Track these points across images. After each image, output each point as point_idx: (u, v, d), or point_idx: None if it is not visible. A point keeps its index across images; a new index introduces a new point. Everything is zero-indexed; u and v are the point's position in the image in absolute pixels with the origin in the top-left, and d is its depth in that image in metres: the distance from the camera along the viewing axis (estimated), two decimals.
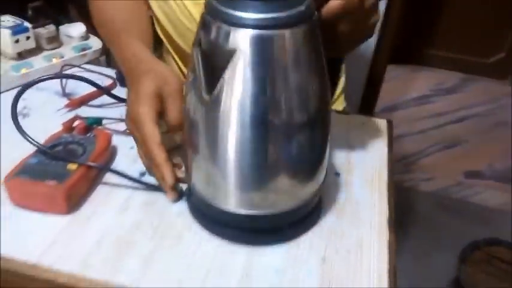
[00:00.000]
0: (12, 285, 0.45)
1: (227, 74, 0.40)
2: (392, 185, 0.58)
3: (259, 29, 0.38)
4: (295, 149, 0.44)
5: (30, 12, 0.90)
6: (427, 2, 2.49)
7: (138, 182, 0.53)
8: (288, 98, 0.41)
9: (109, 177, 0.54)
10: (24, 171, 0.49)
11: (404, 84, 2.61)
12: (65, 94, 0.68)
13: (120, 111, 0.66)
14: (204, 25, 0.40)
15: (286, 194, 0.46)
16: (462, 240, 1.53)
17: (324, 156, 0.48)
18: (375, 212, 0.53)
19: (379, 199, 0.55)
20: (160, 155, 0.48)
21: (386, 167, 0.60)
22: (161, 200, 0.52)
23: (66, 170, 0.49)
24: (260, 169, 0.44)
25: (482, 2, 2.46)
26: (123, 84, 0.71)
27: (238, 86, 0.40)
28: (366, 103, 1.08)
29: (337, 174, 0.58)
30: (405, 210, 1.66)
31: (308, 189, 0.48)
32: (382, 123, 0.69)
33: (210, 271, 0.45)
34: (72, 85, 0.70)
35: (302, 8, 0.39)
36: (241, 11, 0.38)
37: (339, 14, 0.44)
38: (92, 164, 0.51)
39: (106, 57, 0.73)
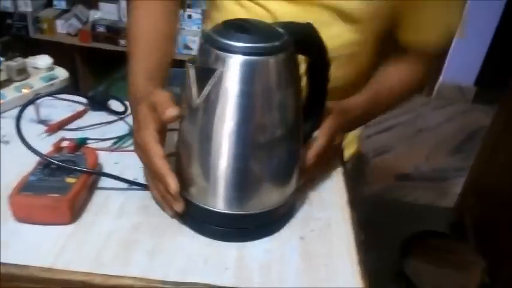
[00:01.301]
0: None
1: (211, 87, 0.48)
2: (346, 172, 0.68)
3: (249, 55, 0.47)
4: (273, 157, 0.53)
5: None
6: None
7: (133, 183, 0.59)
8: (268, 113, 0.51)
9: (101, 188, 0.60)
10: (27, 188, 0.53)
11: None
12: (40, 121, 0.72)
13: (95, 133, 0.71)
14: (202, 51, 0.49)
15: (268, 195, 0.54)
16: (401, 236, 1.68)
17: (298, 163, 0.57)
18: (337, 196, 0.63)
19: (337, 185, 0.65)
20: (164, 166, 0.51)
21: (339, 159, 0.71)
22: (153, 204, 0.58)
23: (65, 183, 0.54)
24: (239, 173, 0.52)
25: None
26: (95, 108, 0.76)
27: (221, 98, 0.49)
28: None
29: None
30: None
31: (286, 191, 0.56)
32: None
33: (209, 258, 0.52)
34: (45, 112, 0.74)
35: (282, 40, 0.49)
36: (234, 41, 0.48)
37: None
38: (91, 170, 0.56)
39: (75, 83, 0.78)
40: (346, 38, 0.72)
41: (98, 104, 0.75)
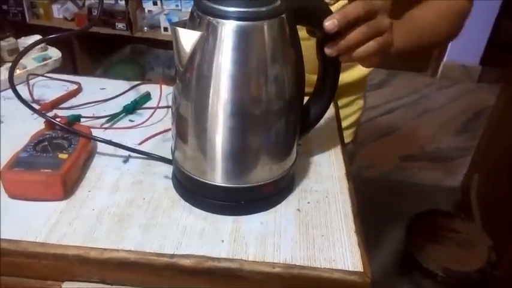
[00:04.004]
0: (21, 267, 0.48)
1: (200, 54, 0.47)
2: (344, 147, 0.67)
3: (241, 20, 0.46)
4: (269, 129, 0.51)
5: None
6: None
7: (133, 150, 0.60)
8: (264, 82, 0.49)
9: (95, 165, 0.59)
10: (18, 164, 0.52)
11: None
12: (34, 100, 0.71)
13: (89, 111, 0.70)
14: (192, 18, 0.48)
15: (265, 169, 0.53)
16: (407, 217, 1.67)
17: (296, 136, 0.56)
18: (334, 168, 0.62)
19: (335, 159, 0.64)
20: None
21: (337, 134, 0.70)
22: (147, 179, 0.58)
23: (58, 159, 0.53)
24: (235, 146, 0.51)
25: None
26: None
27: (213, 67, 0.47)
28: None
29: (299, 144, 0.66)
30: None
31: (284, 165, 0.55)
32: None
33: (204, 230, 0.51)
34: (39, 92, 0.74)
35: (276, 5, 0.48)
36: (225, 6, 0.46)
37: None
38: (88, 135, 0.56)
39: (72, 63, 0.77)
40: None
41: None
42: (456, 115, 2.59)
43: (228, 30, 0.46)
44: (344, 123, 0.78)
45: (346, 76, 0.79)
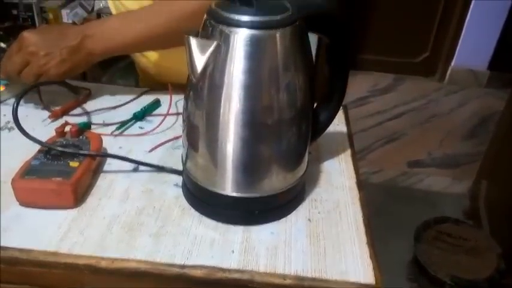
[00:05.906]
0: (32, 275, 0.48)
1: (213, 62, 0.47)
2: (354, 154, 0.67)
3: (254, 29, 0.46)
4: (281, 139, 0.51)
5: (1, 33, 0.93)
6: (356, 11, 2.69)
7: (139, 163, 0.59)
8: (275, 92, 0.48)
9: (106, 173, 0.59)
10: (30, 172, 0.52)
11: None
12: (44, 107, 0.72)
13: (99, 118, 0.71)
14: (205, 27, 0.48)
15: (276, 179, 0.52)
16: (414, 223, 1.66)
17: (307, 145, 0.56)
18: (345, 177, 0.62)
19: (346, 167, 0.64)
20: None
21: (347, 141, 0.69)
22: (157, 188, 0.58)
23: (69, 168, 0.53)
24: (246, 156, 0.50)
25: (405, 10, 2.71)
26: None
27: (225, 76, 0.47)
28: None
29: (310, 153, 0.66)
30: None
31: (295, 174, 0.54)
32: None
33: (215, 241, 0.51)
34: (49, 98, 0.74)
35: (289, 13, 0.47)
36: (240, 14, 0.46)
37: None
38: (94, 153, 0.55)
39: None
40: None
41: None
42: (464, 120, 2.57)
43: (241, 39, 0.46)
44: None
45: None
